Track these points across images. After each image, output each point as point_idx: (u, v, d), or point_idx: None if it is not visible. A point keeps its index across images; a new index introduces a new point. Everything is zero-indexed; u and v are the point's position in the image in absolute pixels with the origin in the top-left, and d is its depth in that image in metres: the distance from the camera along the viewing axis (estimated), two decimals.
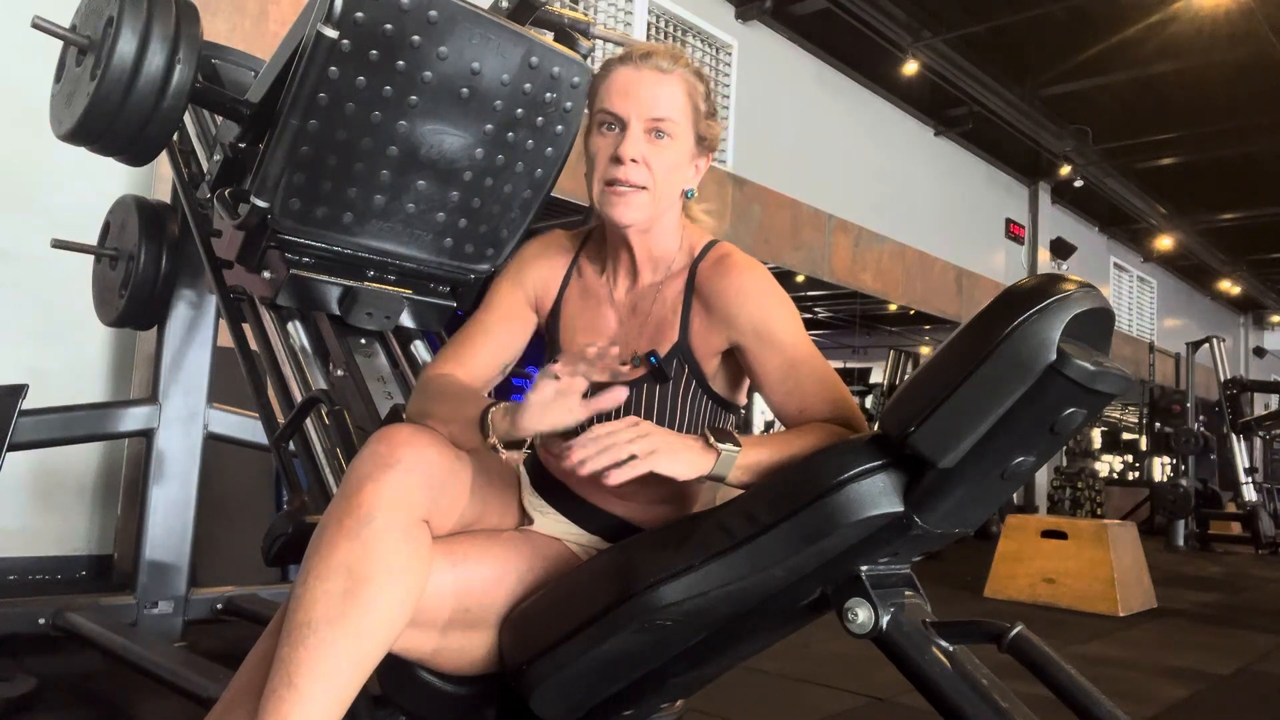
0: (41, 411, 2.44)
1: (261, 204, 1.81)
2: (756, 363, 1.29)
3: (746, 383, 1.37)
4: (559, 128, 2.01)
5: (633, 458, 1.12)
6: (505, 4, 1.94)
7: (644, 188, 1.27)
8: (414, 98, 1.83)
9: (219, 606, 2.67)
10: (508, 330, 1.39)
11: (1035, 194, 10.71)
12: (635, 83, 1.27)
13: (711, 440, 1.17)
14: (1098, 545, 4.55)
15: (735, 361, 1.33)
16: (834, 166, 7.89)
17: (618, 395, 1.14)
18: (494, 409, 1.18)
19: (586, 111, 1.34)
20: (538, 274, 1.42)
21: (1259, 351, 16.95)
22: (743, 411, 1.53)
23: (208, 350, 2.65)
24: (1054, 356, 0.99)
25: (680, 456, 1.15)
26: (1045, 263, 10.68)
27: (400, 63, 1.78)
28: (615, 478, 1.12)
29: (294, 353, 1.91)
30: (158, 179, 3.70)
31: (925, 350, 13.31)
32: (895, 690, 2.55)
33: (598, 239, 1.42)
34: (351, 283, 1.95)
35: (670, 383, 1.31)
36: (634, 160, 1.25)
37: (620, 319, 1.37)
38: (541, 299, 1.41)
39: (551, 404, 1.13)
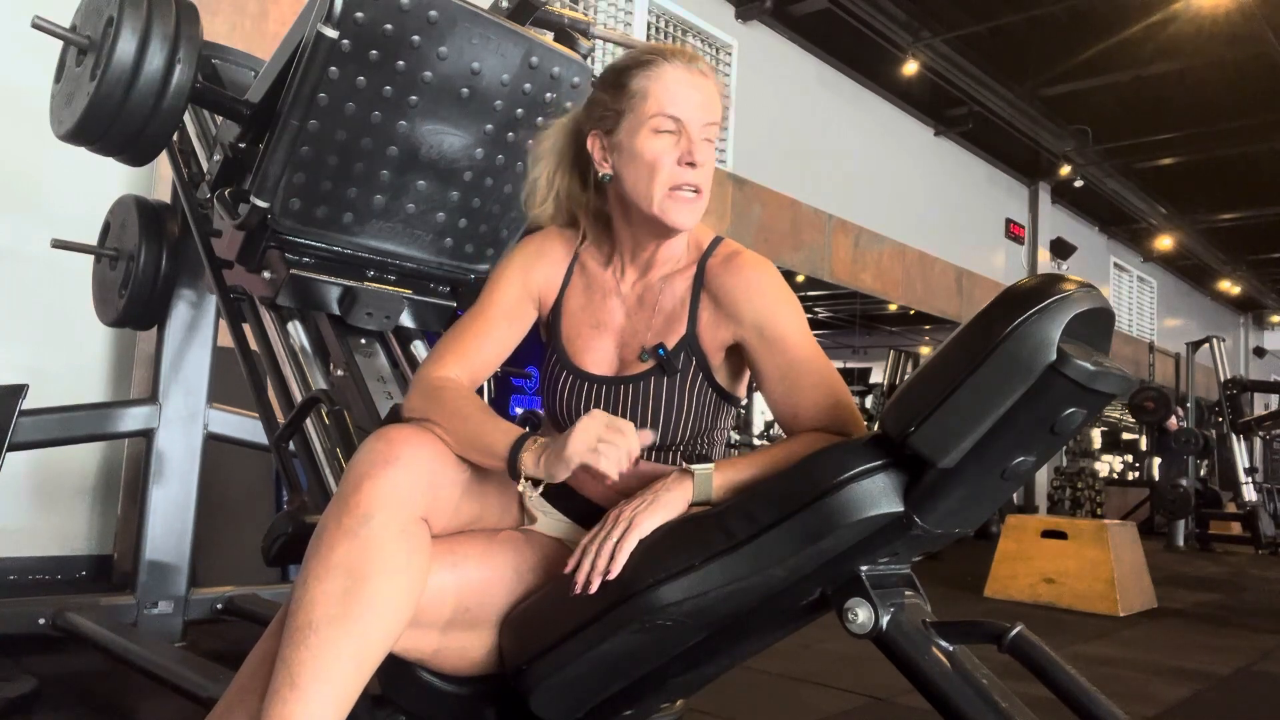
0: (41, 411, 2.44)
1: (261, 204, 1.81)
2: (758, 360, 1.30)
3: (747, 375, 1.39)
4: None
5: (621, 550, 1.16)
6: (505, 4, 1.94)
7: (702, 191, 1.29)
8: (414, 98, 1.83)
9: (219, 606, 2.67)
10: (510, 326, 1.38)
11: (1035, 194, 10.71)
12: (692, 86, 1.26)
13: (684, 466, 1.21)
14: (1098, 545, 4.55)
15: (739, 356, 1.34)
16: (834, 166, 7.89)
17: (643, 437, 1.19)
18: (525, 452, 1.17)
19: (612, 106, 1.28)
20: (540, 270, 1.41)
21: (1259, 351, 16.96)
22: (743, 403, 1.54)
23: (208, 350, 2.65)
24: (1054, 356, 0.98)
25: (660, 500, 1.19)
26: (1045, 263, 10.68)
27: (400, 63, 1.78)
28: (615, 567, 1.15)
29: (294, 353, 1.91)
30: (158, 179, 3.70)
31: (925, 350, 13.30)
32: (895, 690, 2.55)
33: (597, 233, 1.42)
34: (351, 283, 1.95)
35: (678, 374, 1.32)
36: (702, 164, 1.26)
37: (627, 311, 1.37)
38: (544, 295, 1.41)
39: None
